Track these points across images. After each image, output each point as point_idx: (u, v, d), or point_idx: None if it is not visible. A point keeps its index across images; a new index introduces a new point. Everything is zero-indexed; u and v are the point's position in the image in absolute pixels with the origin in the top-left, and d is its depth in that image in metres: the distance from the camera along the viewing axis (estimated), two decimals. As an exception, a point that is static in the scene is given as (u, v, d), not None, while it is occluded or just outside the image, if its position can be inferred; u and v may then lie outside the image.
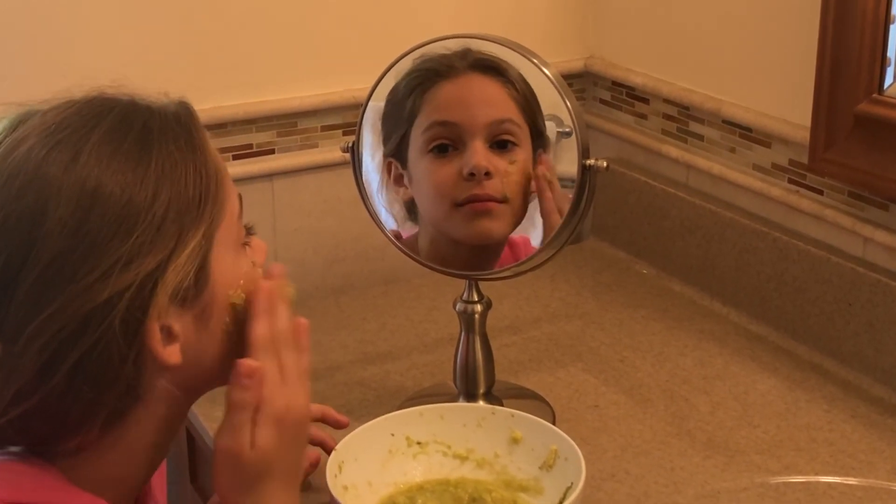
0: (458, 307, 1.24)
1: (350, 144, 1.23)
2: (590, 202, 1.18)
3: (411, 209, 1.23)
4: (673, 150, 1.64)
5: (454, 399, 1.26)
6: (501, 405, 1.24)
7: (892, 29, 1.28)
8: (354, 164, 1.23)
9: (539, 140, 1.19)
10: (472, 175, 1.16)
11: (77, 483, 0.83)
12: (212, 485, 0.89)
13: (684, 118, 1.62)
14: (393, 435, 1.10)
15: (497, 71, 1.18)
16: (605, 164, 1.15)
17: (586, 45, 1.77)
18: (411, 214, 1.23)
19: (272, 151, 1.60)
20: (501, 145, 1.18)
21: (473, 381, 1.25)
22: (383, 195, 1.23)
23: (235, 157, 1.57)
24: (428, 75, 1.19)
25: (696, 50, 1.60)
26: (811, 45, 1.35)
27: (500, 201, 1.18)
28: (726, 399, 1.33)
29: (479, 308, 1.24)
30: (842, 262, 1.38)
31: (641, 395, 1.34)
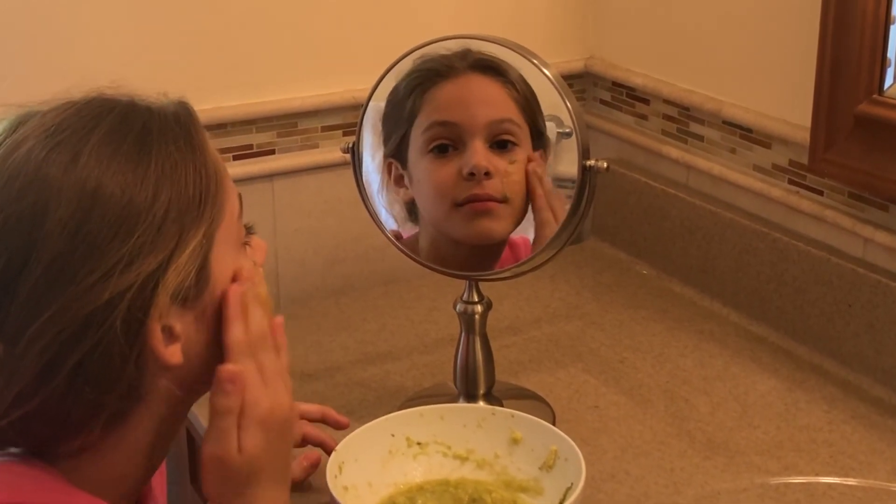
0: (458, 308, 1.24)
1: (350, 145, 1.23)
2: (590, 203, 1.18)
3: (412, 210, 1.23)
4: (673, 151, 1.64)
5: (454, 400, 1.26)
6: (501, 406, 1.24)
7: (893, 29, 1.28)
8: (355, 164, 1.23)
9: (539, 140, 1.19)
10: (472, 175, 1.16)
11: (78, 484, 0.83)
12: (202, 491, 0.89)
13: (684, 119, 1.62)
14: (393, 435, 1.10)
15: (497, 71, 1.18)
16: (606, 165, 1.15)
17: (586, 46, 1.77)
18: (412, 215, 1.23)
19: (272, 152, 1.60)
20: (501, 145, 1.18)
21: (473, 382, 1.25)
22: (384, 196, 1.23)
23: (236, 158, 1.57)
24: (428, 75, 1.19)
25: (696, 51, 1.60)
26: (811, 46, 1.35)
27: (500, 201, 1.18)
28: (726, 400, 1.33)
29: (479, 309, 1.24)
30: (842, 262, 1.38)
31: (641, 395, 1.34)
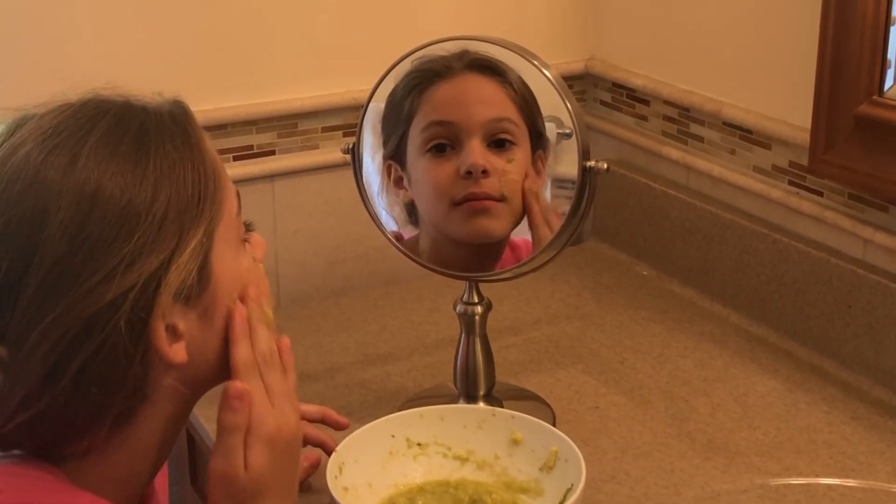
0: (458, 309, 1.24)
1: (350, 146, 1.23)
2: (590, 204, 1.18)
3: (412, 212, 1.23)
4: (673, 152, 1.64)
5: (454, 400, 1.26)
6: (502, 406, 1.24)
7: (893, 31, 1.28)
8: (355, 165, 1.23)
9: (539, 141, 1.20)
10: (470, 173, 1.16)
11: (83, 485, 0.83)
12: None
13: (684, 120, 1.62)
14: (393, 436, 1.10)
15: (494, 71, 1.19)
16: (606, 166, 1.15)
17: (587, 47, 1.77)
18: (412, 217, 1.23)
19: (273, 153, 1.60)
20: (499, 144, 1.18)
21: (474, 383, 1.25)
22: (383, 198, 1.23)
23: (236, 159, 1.57)
24: (426, 76, 1.19)
25: (696, 52, 1.60)
26: (811, 47, 1.35)
27: (498, 200, 1.18)
28: (726, 401, 1.33)
29: (479, 309, 1.24)
30: (842, 263, 1.38)
31: (641, 396, 1.34)
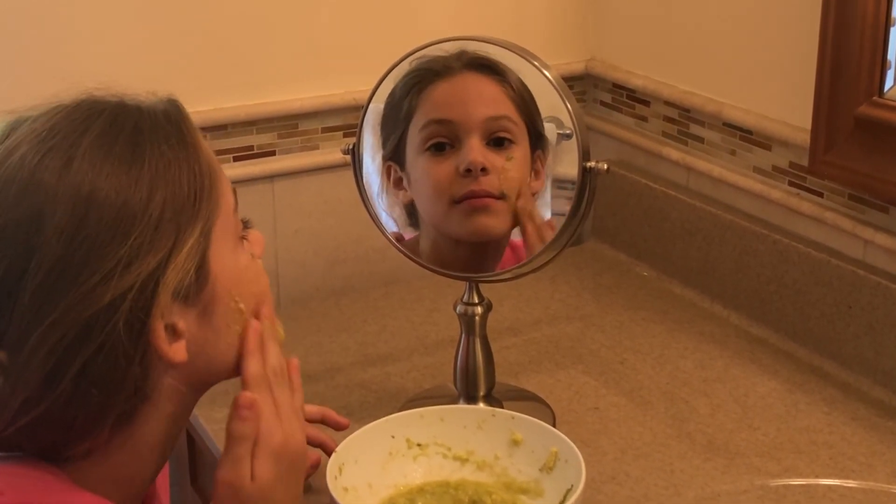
0: (458, 309, 1.24)
1: (351, 146, 1.23)
2: (590, 204, 1.18)
3: (412, 213, 1.23)
4: (673, 153, 1.64)
5: (454, 401, 1.26)
6: (502, 407, 1.24)
7: (893, 31, 1.28)
8: (355, 165, 1.23)
9: (539, 141, 1.20)
10: (469, 171, 1.16)
11: (85, 485, 0.83)
12: None
13: (685, 120, 1.62)
14: (393, 437, 1.10)
15: (493, 70, 1.19)
16: (606, 167, 1.15)
17: (587, 48, 1.77)
18: (412, 218, 1.23)
19: (273, 153, 1.60)
20: (498, 142, 1.18)
21: (474, 383, 1.25)
22: (384, 199, 1.23)
23: (236, 159, 1.57)
24: (424, 75, 1.19)
25: (696, 52, 1.60)
26: (811, 48, 1.35)
27: (498, 197, 1.18)
28: (726, 401, 1.33)
29: (479, 310, 1.24)
30: (842, 264, 1.37)
31: (641, 397, 1.34)
